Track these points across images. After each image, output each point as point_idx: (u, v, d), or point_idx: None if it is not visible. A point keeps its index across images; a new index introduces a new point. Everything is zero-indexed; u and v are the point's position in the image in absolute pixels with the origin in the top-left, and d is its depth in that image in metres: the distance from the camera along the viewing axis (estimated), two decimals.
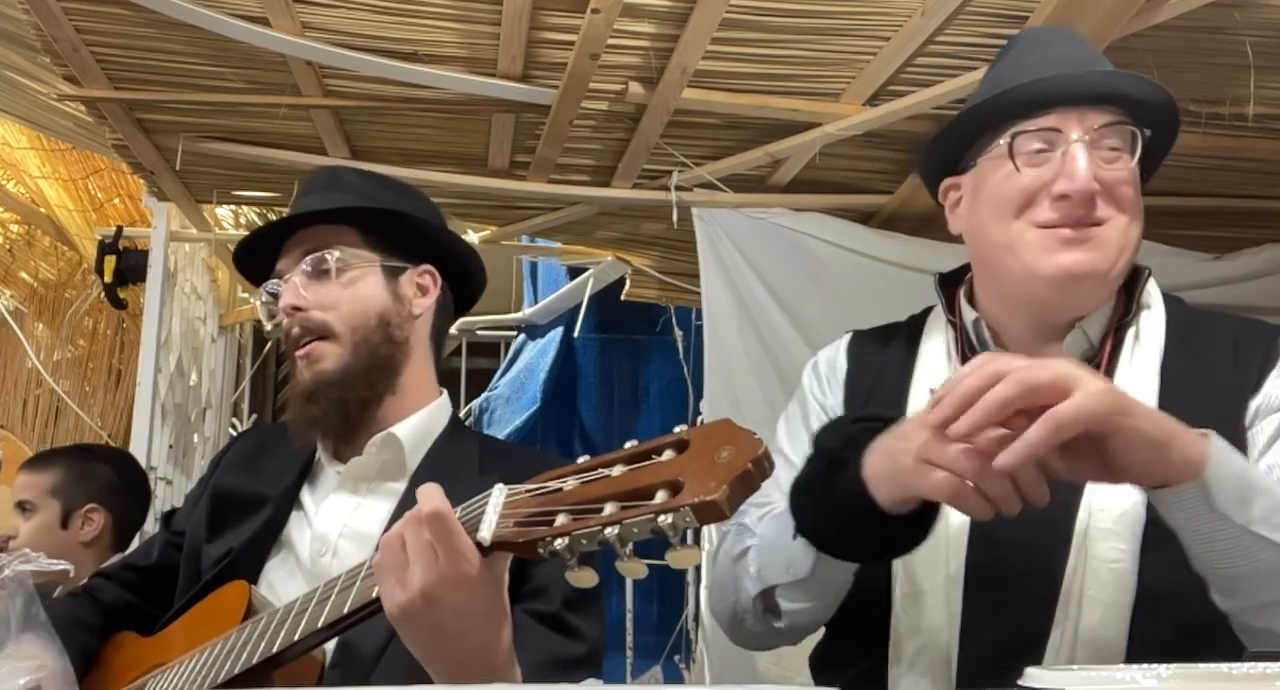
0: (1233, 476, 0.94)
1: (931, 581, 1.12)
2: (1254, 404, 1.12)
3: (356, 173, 1.51)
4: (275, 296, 1.39)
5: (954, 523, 1.12)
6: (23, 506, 2.40)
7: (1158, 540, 1.02)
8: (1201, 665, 0.67)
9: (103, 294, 3.16)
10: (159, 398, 3.04)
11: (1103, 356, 1.17)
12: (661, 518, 0.77)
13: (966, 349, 1.21)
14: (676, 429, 0.85)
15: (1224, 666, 0.65)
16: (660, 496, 0.79)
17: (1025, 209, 1.14)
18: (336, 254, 1.36)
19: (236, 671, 1.05)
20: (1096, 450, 0.93)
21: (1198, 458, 0.93)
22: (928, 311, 1.31)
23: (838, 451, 1.03)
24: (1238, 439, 1.09)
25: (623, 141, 2.44)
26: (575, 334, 3.60)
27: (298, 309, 1.34)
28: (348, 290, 1.36)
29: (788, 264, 2.59)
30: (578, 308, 3.47)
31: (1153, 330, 1.18)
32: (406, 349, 1.39)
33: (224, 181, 2.77)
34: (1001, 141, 1.16)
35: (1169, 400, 1.09)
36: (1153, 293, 1.21)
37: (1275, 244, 2.65)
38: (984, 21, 1.98)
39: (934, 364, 1.23)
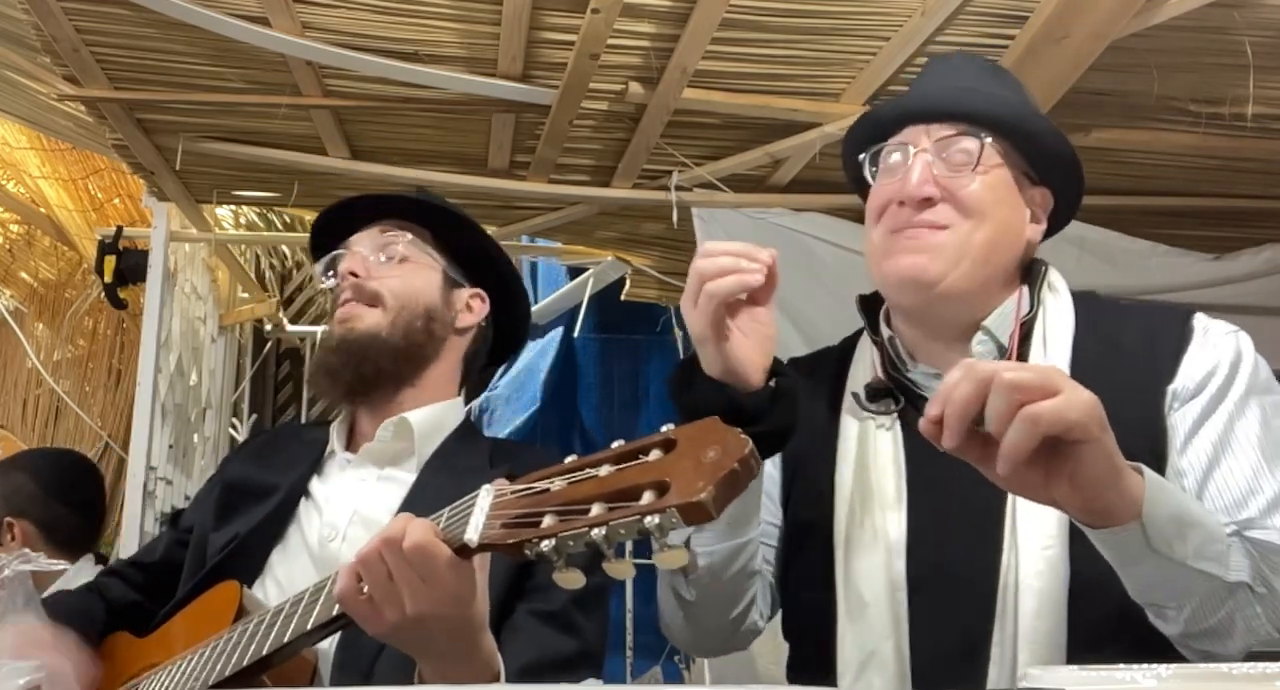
0: (1167, 513, 0.93)
1: (874, 592, 1.12)
2: (1171, 389, 1.12)
3: (439, 198, 1.61)
4: (334, 263, 1.47)
5: (892, 531, 1.13)
6: None
7: (1080, 531, 1.00)
8: (1201, 665, 0.67)
9: (103, 294, 3.16)
10: (159, 398, 3.04)
11: (1012, 355, 1.16)
12: (648, 519, 0.77)
13: (889, 367, 1.23)
14: (664, 427, 0.85)
15: (1224, 666, 0.65)
16: (647, 497, 0.78)
17: (881, 217, 1.21)
18: (409, 238, 1.46)
19: (228, 674, 1.06)
20: (1043, 463, 0.91)
21: (1136, 494, 0.92)
22: (859, 333, 1.32)
23: (687, 369, 1.12)
24: (1157, 428, 1.10)
25: (623, 141, 2.44)
26: (575, 334, 3.60)
27: (355, 275, 1.43)
28: (409, 273, 1.45)
29: (788, 264, 2.55)
30: (578, 308, 3.46)
31: (1060, 324, 1.18)
32: (439, 350, 1.45)
33: (224, 181, 2.76)
34: (862, 157, 1.25)
35: None
36: (1057, 286, 1.22)
37: (1275, 244, 2.66)
38: (984, 21, 1.98)
39: (862, 382, 1.25)
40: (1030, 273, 1.22)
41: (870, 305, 1.30)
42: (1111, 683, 0.61)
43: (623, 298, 3.18)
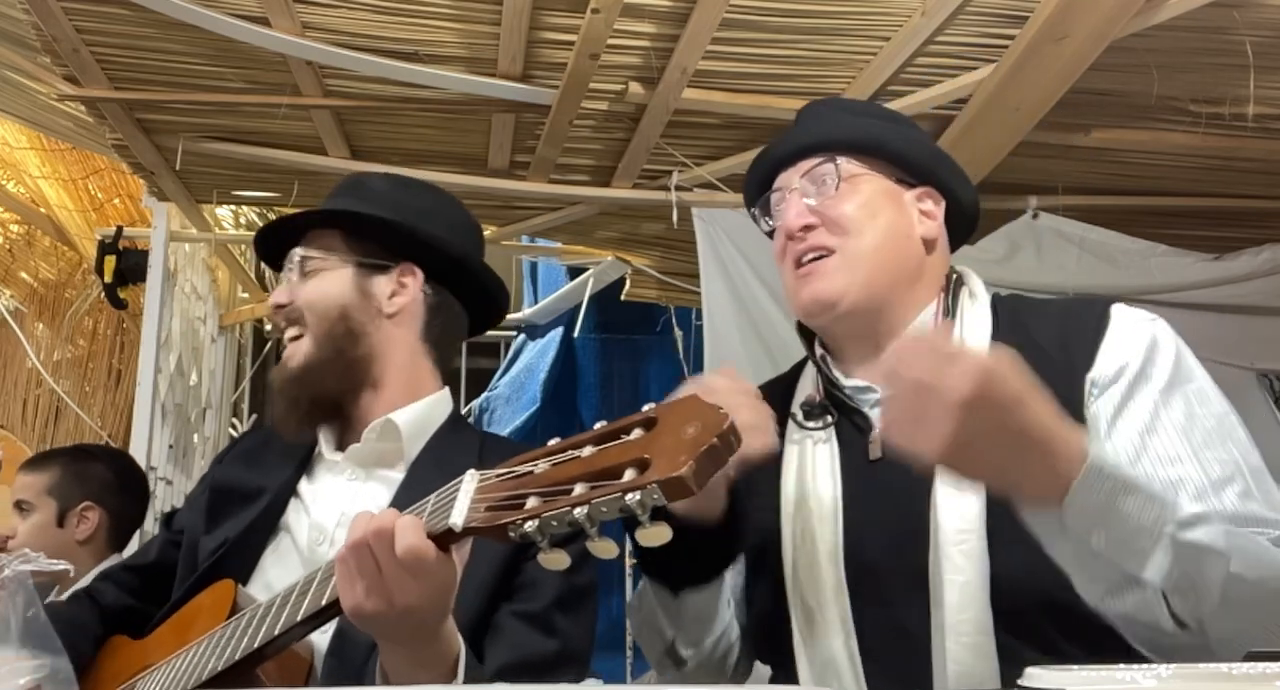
0: (1095, 504, 0.93)
1: (819, 599, 1.15)
2: (1089, 378, 1.13)
3: (383, 178, 1.53)
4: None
5: (825, 538, 1.17)
6: (20, 506, 2.43)
7: (1000, 525, 1.05)
8: (1201, 665, 0.67)
9: (103, 294, 3.16)
10: (159, 398, 3.04)
11: None
12: (629, 496, 0.77)
13: (826, 383, 1.28)
14: (645, 407, 0.85)
15: (1224, 666, 0.65)
16: (628, 475, 0.79)
17: (782, 256, 1.29)
18: (302, 253, 1.41)
19: (220, 668, 1.06)
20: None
21: (1066, 482, 0.93)
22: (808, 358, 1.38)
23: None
24: (1079, 418, 1.11)
25: (623, 141, 2.44)
26: (575, 334, 3.61)
27: (280, 306, 1.40)
28: (314, 285, 1.40)
29: None
30: (578, 308, 3.47)
31: (977, 328, 1.21)
32: (378, 345, 1.39)
33: (224, 181, 2.77)
34: (753, 211, 1.36)
35: None
36: (977, 293, 1.27)
37: (1275, 244, 2.66)
38: (984, 21, 1.98)
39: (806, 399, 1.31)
40: (950, 282, 1.28)
41: (807, 330, 1.36)
42: (1112, 683, 0.61)
43: (623, 298, 3.18)
